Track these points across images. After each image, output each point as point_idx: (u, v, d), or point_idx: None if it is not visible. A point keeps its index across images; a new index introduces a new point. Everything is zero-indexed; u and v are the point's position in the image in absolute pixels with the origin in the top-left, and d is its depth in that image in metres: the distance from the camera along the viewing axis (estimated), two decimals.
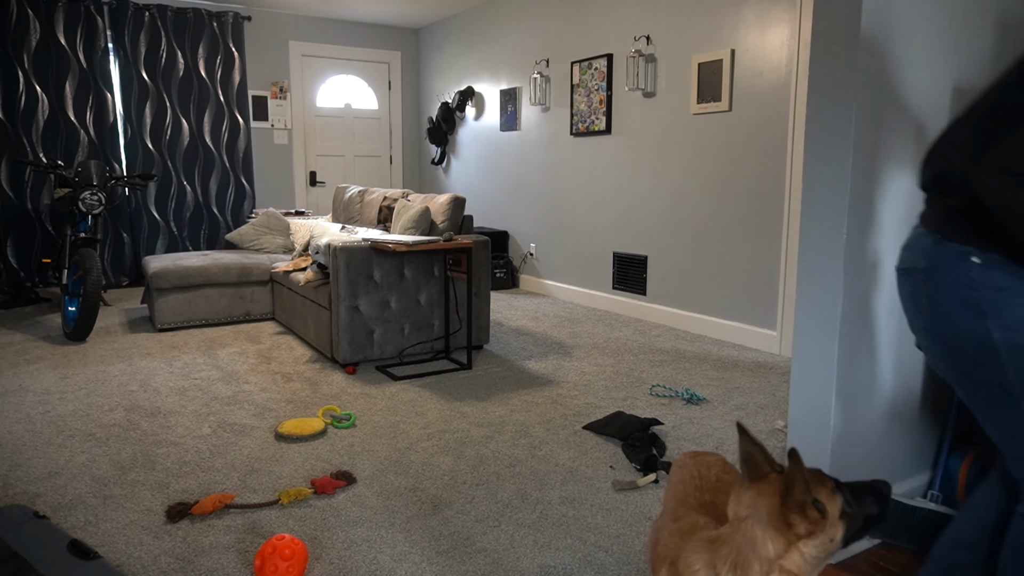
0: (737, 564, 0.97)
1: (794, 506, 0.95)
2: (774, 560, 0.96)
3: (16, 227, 5.93)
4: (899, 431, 2.12)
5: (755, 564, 0.96)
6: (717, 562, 1.00)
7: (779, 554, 0.96)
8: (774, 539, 0.96)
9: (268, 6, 6.77)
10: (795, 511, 0.95)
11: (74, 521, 2.17)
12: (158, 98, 6.37)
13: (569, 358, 4.05)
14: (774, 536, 0.96)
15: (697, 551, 1.04)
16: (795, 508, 0.95)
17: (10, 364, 3.86)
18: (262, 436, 2.87)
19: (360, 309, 3.77)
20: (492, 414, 3.12)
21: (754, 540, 0.97)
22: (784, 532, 0.96)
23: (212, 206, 6.73)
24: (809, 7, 3.79)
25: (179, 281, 4.63)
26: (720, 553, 1.00)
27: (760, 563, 0.96)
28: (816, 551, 0.97)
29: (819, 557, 0.98)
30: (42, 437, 2.84)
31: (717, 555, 1.01)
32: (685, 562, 1.04)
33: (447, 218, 4.15)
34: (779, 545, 0.96)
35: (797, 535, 0.96)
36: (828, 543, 0.97)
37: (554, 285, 6.06)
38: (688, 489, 1.31)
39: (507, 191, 6.55)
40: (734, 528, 1.00)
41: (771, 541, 0.96)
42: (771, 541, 0.96)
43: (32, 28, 5.80)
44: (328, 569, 1.93)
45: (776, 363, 3.95)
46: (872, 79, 1.82)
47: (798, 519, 0.95)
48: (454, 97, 7.05)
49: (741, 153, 4.26)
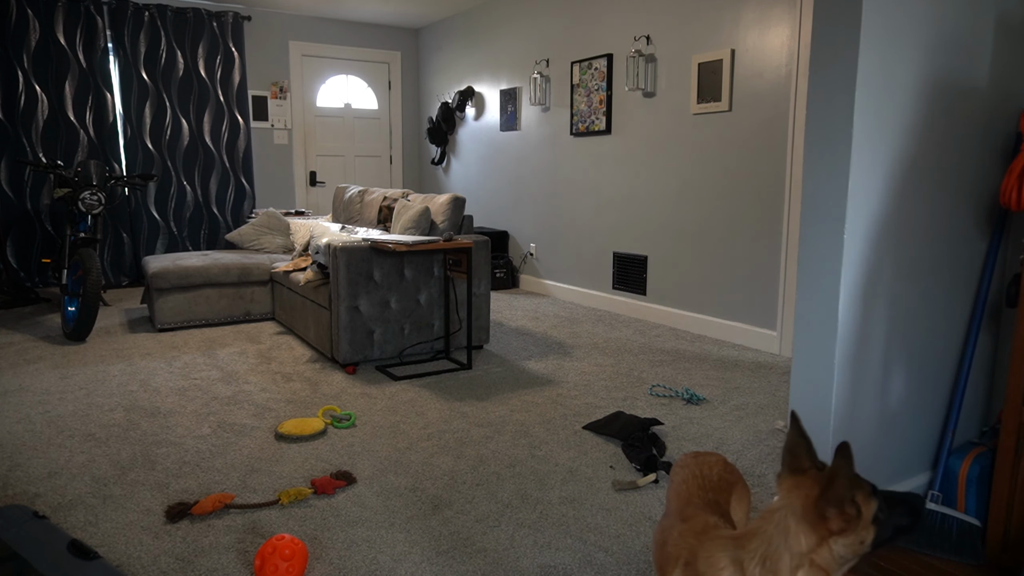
0: (767, 556, 0.97)
1: (833, 500, 0.95)
2: (805, 554, 0.95)
3: (16, 227, 5.93)
4: (899, 431, 2.12)
5: (785, 556, 0.96)
6: (744, 557, 0.99)
7: (811, 548, 0.96)
8: (807, 532, 0.96)
9: (268, 6, 6.77)
10: (833, 505, 0.95)
11: (74, 521, 2.17)
12: (158, 98, 6.36)
13: (569, 358, 4.05)
14: (807, 530, 0.96)
15: (721, 548, 1.04)
16: (834, 502, 0.95)
17: (10, 364, 3.86)
18: (262, 436, 2.86)
19: (360, 309, 3.77)
20: (492, 414, 3.12)
21: (787, 531, 0.97)
22: (817, 527, 0.96)
23: (212, 206, 6.73)
24: (809, 7, 3.79)
25: (179, 281, 4.63)
26: (749, 547, 1.00)
27: (791, 556, 0.96)
28: (846, 551, 0.97)
29: (847, 557, 0.98)
30: (42, 437, 2.84)
31: (745, 550, 1.00)
32: (708, 561, 1.03)
33: (447, 218, 4.15)
34: (812, 539, 0.96)
35: (830, 531, 0.95)
36: (858, 545, 0.97)
37: (554, 285, 6.06)
38: (692, 489, 1.31)
39: (507, 191, 6.54)
40: (766, 520, 1.00)
41: (804, 534, 0.96)
42: (804, 534, 0.96)
43: (32, 28, 5.80)
44: (328, 569, 1.93)
45: (776, 363, 3.95)
46: (872, 79, 1.82)
47: (834, 514, 0.95)
48: (454, 97, 7.05)
49: (741, 153, 4.26)
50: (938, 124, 2.01)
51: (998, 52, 2.11)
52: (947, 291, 2.14)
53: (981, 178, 2.15)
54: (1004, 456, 1.97)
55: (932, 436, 2.22)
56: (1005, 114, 2.16)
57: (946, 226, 2.09)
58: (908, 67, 1.90)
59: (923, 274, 2.07)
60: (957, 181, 2.09)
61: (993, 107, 2.13)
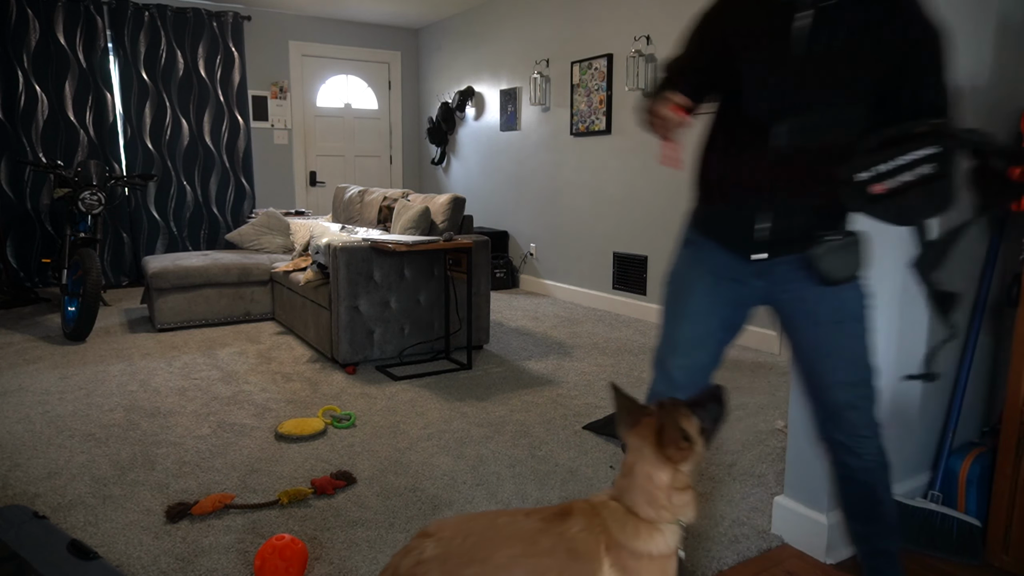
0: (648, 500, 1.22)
1: (669, 444, 1.21)
2: (669, 485, 1.22)
3: (16, 227, 5.93)
4: (899, 431, 2.12)
5: (657, 493, 1.22)
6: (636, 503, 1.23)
7: (671, 479, 1.22)
8: (662, 471, 1.22)
9: (268, 6, 6.77)
10: (671, 447, 1.21)
11: (74, 521, 2.17)
12: (158, 98, 6.36)
13: (569, 358, 4.05)
14: (661, 468, 1.22)
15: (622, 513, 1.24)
16: (670, 445, 1.21)
17: (10, 364, 3.86)
18: (262, 436, 2.86)
19: (360, 309, 3.77)
20: (492, 414, 3.12)
21: (649, 477, 1.22)
22: (666, 464, 1.22)
23: (212, 206, 6.73)
24: None
25: (179, 281, 4.63)
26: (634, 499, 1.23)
27: (660, 491, 1.22)
28: (693, 466, 1.25)
29: (696, 467, 1.27)
30: (42, 437, 2.84)
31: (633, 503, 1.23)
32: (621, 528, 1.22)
33: (447, 218, 4.15)
34: (668, 474, 1.22)
35: (676, 463, 1.22)
36: (699, 456, 1.26)
37: (554, 285, 6.06)
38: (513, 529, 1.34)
39: (507, 191, 6.54)
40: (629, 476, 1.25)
41: (661, 473, 1.22)
42: (661, 473, 1.22)
43: (32, 28, 5.80)
44: (328, 569, 1.93)
45: (776, 363, 3.95)
46: None
47: (674, 452, 1.21)
48: (454, 97, 7.05)
49: None
50: None
51: (998, 52, 2.10)
52: None
53: None
54: (1004, 456, 1.97)
55: (932, 436, 2.22)
56: (1005, 114, 2.16)
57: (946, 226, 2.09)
58: None
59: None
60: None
61: (993, 107, 2.13)
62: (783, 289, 1.54)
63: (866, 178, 1.28)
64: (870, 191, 1.28)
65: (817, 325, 1.52)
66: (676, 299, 1.62)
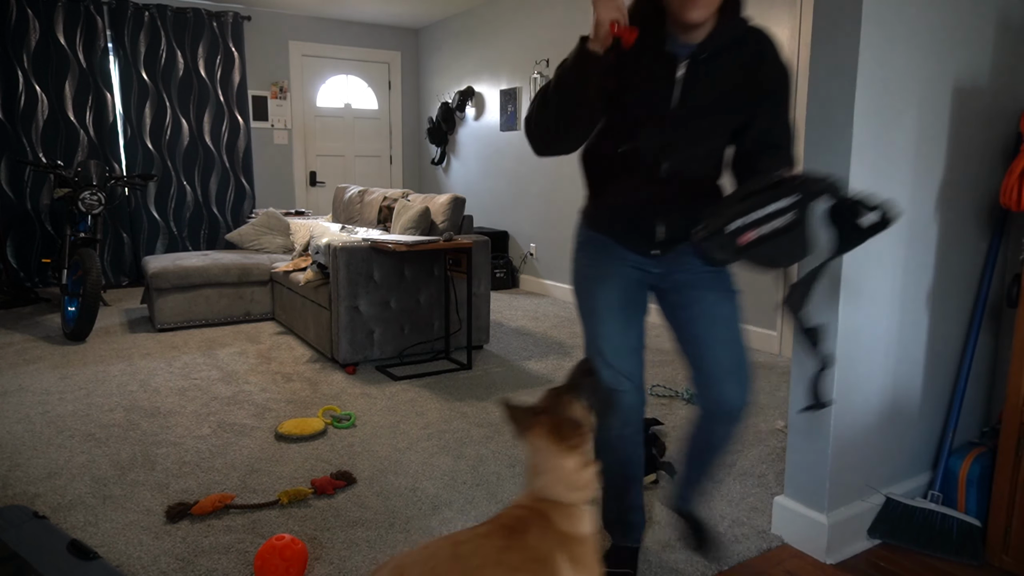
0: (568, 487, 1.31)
1: (568, 436, 1.32)
2: (575, 468, 1.32)
3: (16, 227, 5.93)
4: (899, 431, 2.12)
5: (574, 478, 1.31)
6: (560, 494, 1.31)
7: (576, 464, 1.32)
8: (569, 459, 1.32)
9: (268, 6, 6.77)
10: (569, 438, 1.32)
11: (74, 521, 2.17)
12: (158, 98, 6.36)
13: (569, 358, 4.05)
14: (566, 457, 1.32)
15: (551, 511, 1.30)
16: (569, 436, 1.32)
17: (10, 364, 3.86)
18: (262, 436, 2.86)
19: (360, 309, 3.77)
20: (492, 414, 3.12)
21: (558, 468, 1.31)
22: (569, 452, 1.32)
23: (212, 206, 6.73)
24: (809, 7, 3.79)
25: (179, 281, 4.63)
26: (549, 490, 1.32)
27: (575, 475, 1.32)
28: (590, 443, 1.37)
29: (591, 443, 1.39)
30: (42, 437, 2.84)
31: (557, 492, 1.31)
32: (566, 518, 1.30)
33: (447, 218, 4.15)
34: (572, 459, 1.32)
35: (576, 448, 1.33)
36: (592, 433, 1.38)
37: (554, 285, 6.06)
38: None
39: (507, 191, 6.54)
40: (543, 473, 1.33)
41: (566, 460, 1.32)
42: (566, 460, 1.32)
43: (32, 28, 5.80)
44: (328, 569, 1.93)
45: (776, 363, 3.95)
46: (872, 80, 1.82)
47: (575, 439, 1.32)
48: (454, 97, 7.05)
49: None
50: (938, 125, 2.01)
51: (998, 52, 2.10)
52: (947, 291, 2.14)
53: (981, 178, 2.15)
54: (1004, 456, 1.97)
55: (932, 436, 2.22)
56: (1005, 114, 2.16)
57: (946, 226, 2.09)
58: (908, 68, 1.90)
59: (923, 274, 2.07)
60: (957, 181, 2.09)
61: (993, 107, 2.13)
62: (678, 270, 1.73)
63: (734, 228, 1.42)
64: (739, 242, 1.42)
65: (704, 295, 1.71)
66: (592, 295, 1.76)
